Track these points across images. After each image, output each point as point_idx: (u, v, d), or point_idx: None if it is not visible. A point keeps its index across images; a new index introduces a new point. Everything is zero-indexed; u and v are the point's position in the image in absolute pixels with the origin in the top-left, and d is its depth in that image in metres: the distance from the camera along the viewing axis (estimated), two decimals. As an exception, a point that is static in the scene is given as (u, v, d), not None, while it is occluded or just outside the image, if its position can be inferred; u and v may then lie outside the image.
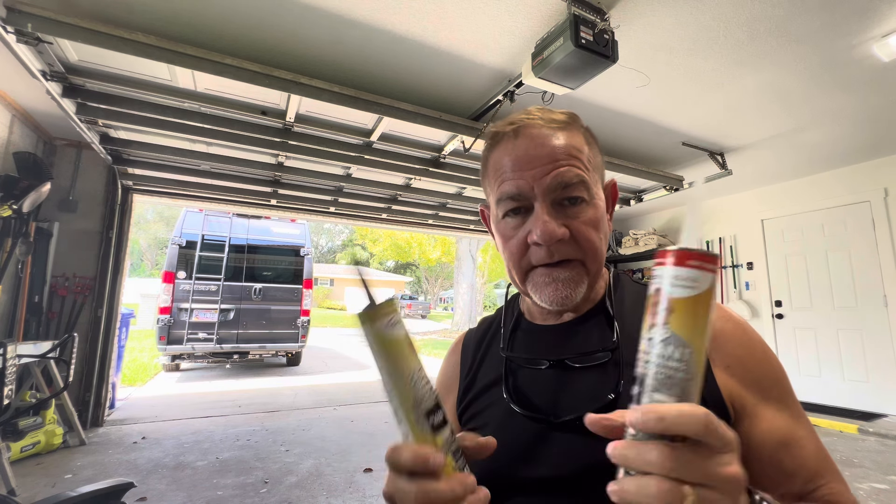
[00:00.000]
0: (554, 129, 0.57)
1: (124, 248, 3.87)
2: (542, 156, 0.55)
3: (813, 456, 0.49)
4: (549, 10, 1.99)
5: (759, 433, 0.49)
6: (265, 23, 2.14)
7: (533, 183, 0.55)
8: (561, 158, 0.55)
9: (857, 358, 4.05)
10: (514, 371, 0.63)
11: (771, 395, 0.51)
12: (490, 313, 0.78)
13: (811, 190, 4.43)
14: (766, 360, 0.53)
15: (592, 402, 0.53)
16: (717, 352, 0.52)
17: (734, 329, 0.54)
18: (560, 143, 0.55)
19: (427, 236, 18.08)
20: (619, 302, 0.61)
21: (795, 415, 0.51)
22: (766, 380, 0.51)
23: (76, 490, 0.77)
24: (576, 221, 0.55)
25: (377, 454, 3.11)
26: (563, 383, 0.57)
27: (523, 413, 0.57)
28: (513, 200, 0.57)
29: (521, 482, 0.55)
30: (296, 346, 6.83)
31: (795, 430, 0.49)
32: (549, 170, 0.54)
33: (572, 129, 0.58)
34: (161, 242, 31.72)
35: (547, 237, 0.53)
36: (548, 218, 0.54)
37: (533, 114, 0.58)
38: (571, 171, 0.54)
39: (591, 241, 0.56)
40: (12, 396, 2.57)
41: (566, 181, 0.54)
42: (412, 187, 4.19)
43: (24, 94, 2.90)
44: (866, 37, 2.20)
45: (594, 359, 0.57)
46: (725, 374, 0.51)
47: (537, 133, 0.56)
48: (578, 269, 0.56)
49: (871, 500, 2.40)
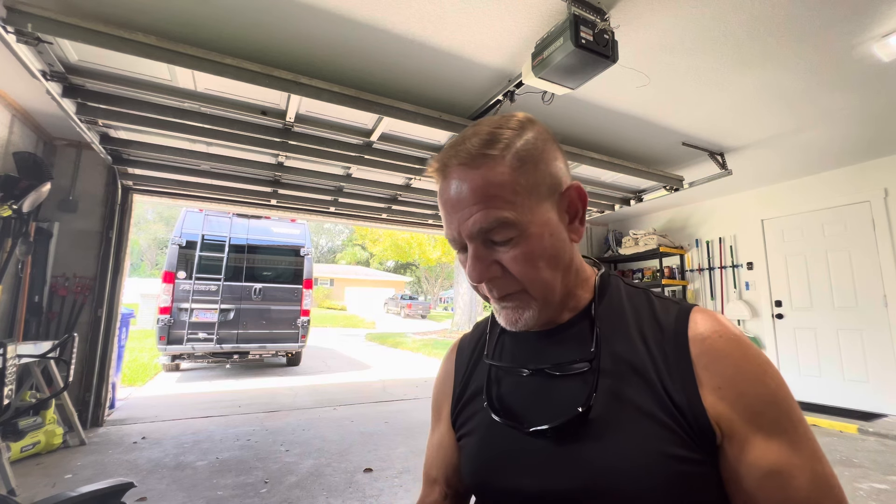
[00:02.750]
0: (472, 167, 0.53)
1: (124, 248, 3.87)
2: (462, 199, 0.53)
3: (805, 486, 0.45)
4: (549, 10, 1.99)
5: (747, 462, 0.46)
6: (265, 23, 2.14)
7: (459, 227, 0.54)
8: (479, 201, 0.52)
9: (857, 358, 4.05)
10: (499, 378, 0.63)
11: (764, 420, 0.47)
12: (490, 313, 0.79)
13: (811, 190, 4.44)
14: (762, 381, 0.49)
15: (565, 412, 0.52)
16: (707, 371, 0.49)
17: (727, 346, 0.50)
18: (478, 183, 0.52)
19: (427, 236, 18.08)
20: (605, 307, 0.59)
21: (792, 440, 0.47)
22: (760, 403, 0.48)
23: (76, 490, 0.77)
24: (505, 257, 0.54)
25: (377, 454, 3.11)
26: (542, 392, 0.57)
27: (501, 421, 0.57)
28: (453, 242, 0.57)
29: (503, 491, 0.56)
30: (296, 346, 6.84)
31: (787, 458, 0.46)
32: (468, 215, 0.53)
33: (495, 160, 0.53)
34: (161, 242, 31.73)
35: (476, 279, 0.55)
36: (475, 261, 0.54)
37: (457, 147, 0.55)
38: (489, 214, 0.52)
39: (525, 275, 0.54)
40: (12, 396, 2.57)
41: (486, 226, 0.52)
42: (412, 187, 4.19)
43: (24, 94, 2.90)
44: (866, 37, 2.20)
45: (573, 368, 0.56)
46: (715, 395, 0.48)
47: (455, 176, 0.54)
48: (524, 298, 0.56)
49: (871, 500, 2.40)
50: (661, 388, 0.50)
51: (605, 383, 0.53)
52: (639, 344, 0.54)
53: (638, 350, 0.54)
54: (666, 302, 0.58)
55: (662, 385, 0.50)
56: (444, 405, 0.71)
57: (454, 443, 0.68)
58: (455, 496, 0.69)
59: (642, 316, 0.57)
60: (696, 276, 5.48)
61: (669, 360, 0.51)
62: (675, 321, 0.54)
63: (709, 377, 0.49)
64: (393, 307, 26.33)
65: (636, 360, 0.53)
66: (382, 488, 2.54)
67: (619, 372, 0.53)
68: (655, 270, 5.69)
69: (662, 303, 0.58)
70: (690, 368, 0.50)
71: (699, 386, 0.49)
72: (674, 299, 0.59)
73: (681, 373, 0.50)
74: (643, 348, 0.54)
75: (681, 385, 0.50)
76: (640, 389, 0.51)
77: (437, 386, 0.75)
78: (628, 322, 0.57)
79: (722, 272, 5.19)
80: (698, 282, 5.45)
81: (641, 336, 0.55)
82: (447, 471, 0.68)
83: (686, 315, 0.54)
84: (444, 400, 0.72)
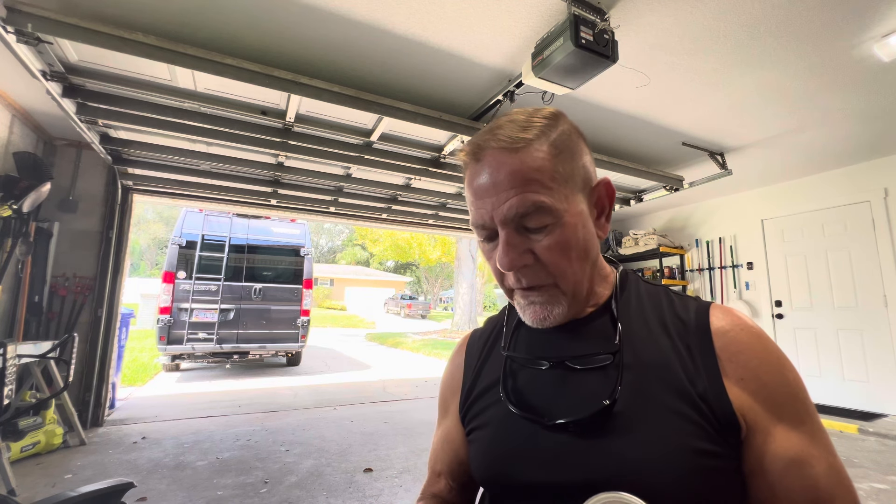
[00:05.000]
0: (512, 150, 0.53)
1: (124, 248, 3.87)
2: (497, 183, 0.53)
3: (824, 475, 0.47)
4: (549, 10, 1.99)
5: (771, 452, 0.48)
6: (265, 23, 2.14)
7: (492, 212, 0.53)
8: (517, 185, 0.52)
9: (857, 358, 4.05)
10: (514, 371, 0.62)
11: (785, 411, 0.49)
12: (491, 313, 0.78)
13: (811, 190, 4.43)
14: (783, 374, 0.50)
15: (588, 406, 0.52)
16: (731, 363, 0.50)
17: (750, 339, 0.52)
18: (516, 167, 0.52)
19: (427, 236, 18.09)
20: (625, 302, 0.60)
21: (810, 431, 0.49)
22: (782, 395, 0.49)
23: (76, 490, 0.77)
24: (539, 246, 0.53)
25: (377, 454, 3.11)
26: (562, 385, 0.56)
27: (519, 414, 0.56)
28: (481, 229, 0.56)
29: (518, 484, 0.55)
30: (296, 346, 6.84)
31: (807, 449, 0.48)
32: (504, 199, 0.52)
33: (533, 146, 0.53)
34: (161, 242, 31.74)
35: (507, 266, 0.53)
36: (507, 248, 0.53)
37: (494, 131, 0.55)
38: (528, 198, 0.51)
39: (558, 265, 0.53)
40: (12, 396, 2.57)
41: (523, 210, 0.52)
42: (412, 187, 4.19)
43: (24, 94, 2.90)
44: (866, 37, 2.20)
45: (595, 361, 0.55)
46: (738, 387, 0.49)
47: (492, 159, 0.53)
48: (552, 292, 0.55)
49: (871, 499, 2.40)
50: (685, 381, 0.50)
51: (628, 377, 0.52)
52: (662, 338, 0.55)
53: (661, 344, 0.54)
54: (684, 299, 0.60)
55: (687, 377, 0.50)
56: (451, 400, 0.71)
57: (461, 437, 0.67)
58: (460, 489, 0.68)
59: (663, 311, 0.58)
60: (696, 276, 5.48)
61: (693, 353, 0.52)
62: (696, 316, 0.55)
63: (733, 369, 0.50)
64: (393, 307, 26.34)
65: (659, 354, 0.53)
66: (382, 488, 2.54)
67: (642, 365, 0.53)
68: (655, 270, 5.69)
69: (681, 299, 0.60)
70: (714, 361, 0.51)
71: (724, 377, 0.50)
72: (691, 297, 0.61)
73: (705, 365, 0.51)
74: (667, 342, 0.54)
75: (705, 377, 0.50)
76: (664, 383, 0.51)
77: (445, 381, 0.74)
78: (649, 317, 0.57)
79: (722, 272, 5.19)
80: (698, 282, 5.45)
81: (664, 330, 0.55)
82: (452, 465, 0.68)
83: (706, 310, 0.56)
84: (452, 395, 0.71)
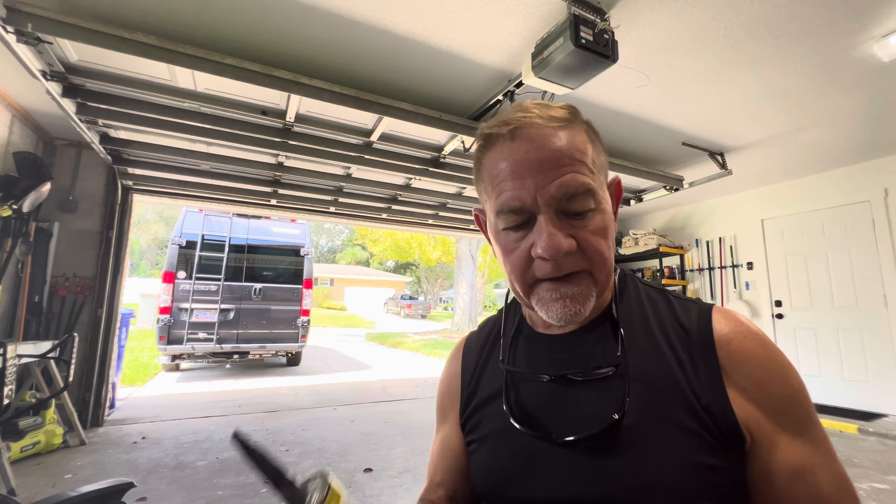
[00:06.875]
0: (554, 127, 0.50)
1: (124, 248, 3.87)
2: (543, 160, 0.49)
3: (827, 483, 0.46)
4: (549, 10, 1.99)
5: (776, 462, 0.46)
6: (265, 23, 2.14)
7: (535, 192, 0.49)
8: (565, 163, 0.49)
9: (857, 358, 4.05)
10: (515, 383, 0.60)
11: (788, 420, 0.47)
12: (490, 313, 0.77)
13: (811, 190, 4.43)
14: (787, 382, 0.49)
15: (596, 422, 0.50)
16: (735, 371, 0.49)
17: (753, 346, 0.50)
18: (562, 144, 0.50)
19: (427, 236, 18.08)
20: (626, 308, 0.57)
21: (813, 439, 0.47)
22: (785, 404, 0.48)
23: (76, 490, 0.77)
24: (583, 231, 0.50)
25: (377, 454, 3.11)
26: (566, 398, 0.54)
27: (523, 430, 0.54)
28: (515, 214, 0.51)
29: (522, 500, 0.53)
30: (296, 345, 6.84)
31: (810, 457, 0.46)
32: (552, 177, 0.49)
33: (574, 126, 0.52)
34: (161, 242, 31.73)
35: (553, 251, 0.48)
36: (553, 230, 0.49)
37: (530, 111, 0.51)
38: (577, 178, 0.49)
39: (600, 252, 0.51)
40: (12, 396, 2.57)
41: (572, 191, 0.49)
42: (412, 187, 4.19)
43: (24, 94, 2.90)
44: (866, 37, 2.20)
45: (598, 373, 0.53)
46: (742, 397, 0.48)
47: (536, 134, 0.50)
48: (587, 282, 0.52)
49: (871, 499, 2.40)
50: (689, 393, 0.49)
51: (632, 389, 0.50)
52: (664, 347, 0.53)
53: (663, 354, 0.52)
54: (685, 302, 0.57)
55: (691, 389, 0.49)
56: (450, 408, 0.69)
57: (461, 446, 0.65)
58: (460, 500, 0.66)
59: (664, 318, 0.56)
60: (696, 276, 5.48)
61: (697, 363, 0.50)
62: (698, 323, 0.53)
63: (737, 378, 0.49)
64: (393, 307, 26.34)
65: (662, 365, 0.51)
66: (382, 488, 2.54)
67: (646, 376, 0.51)
68: (655, 270, 5.69)
69: (682, 303, 0.57)
70: (718, 371, 0.49)
71: (727, 387, 0.48)
72: (692, 299, 0.58)
73: (709, 376, 0.49)
74: (669, 352, 0.52)
75: (710, 388, 0.49)
76: (668, 395, 0.49)
77: (442, 386, 0.72)
78: (651, 324, 0.55)
79: (722, 272, 5.19)
80: (698, 282, 5.45)
81: (666, 339, 0.53)
82: (452, 475, 0.66)
83: (708, 316, 0.54)
84: (450, 403, 0.69)
